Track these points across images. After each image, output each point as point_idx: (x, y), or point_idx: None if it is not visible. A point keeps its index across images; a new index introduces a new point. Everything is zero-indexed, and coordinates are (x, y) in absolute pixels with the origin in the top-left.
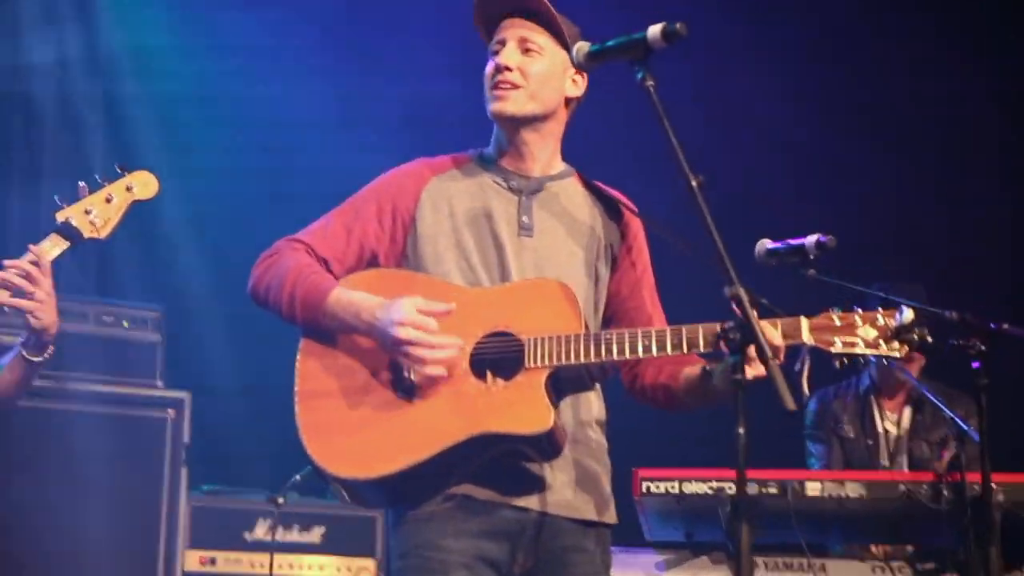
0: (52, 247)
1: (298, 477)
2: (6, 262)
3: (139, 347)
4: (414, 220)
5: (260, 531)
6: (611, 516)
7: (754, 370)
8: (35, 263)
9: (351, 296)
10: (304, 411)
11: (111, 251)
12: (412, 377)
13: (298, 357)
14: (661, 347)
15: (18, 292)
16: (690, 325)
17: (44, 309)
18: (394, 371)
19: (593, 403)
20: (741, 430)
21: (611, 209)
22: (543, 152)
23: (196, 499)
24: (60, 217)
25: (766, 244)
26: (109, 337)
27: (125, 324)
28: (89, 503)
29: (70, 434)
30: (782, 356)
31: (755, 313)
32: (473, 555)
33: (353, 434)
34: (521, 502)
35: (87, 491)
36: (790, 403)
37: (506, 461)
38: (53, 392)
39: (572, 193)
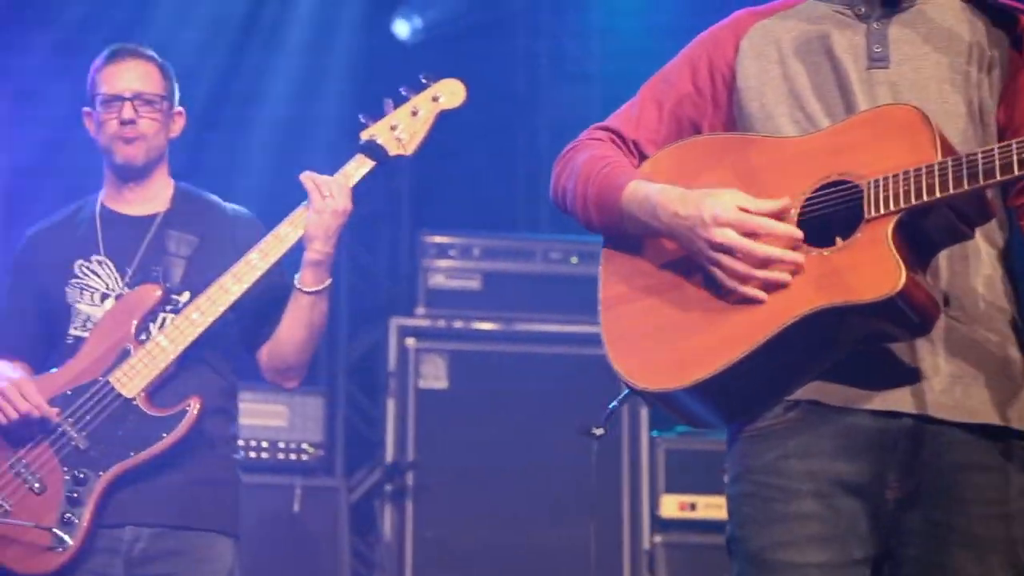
0: (357, 168)
1: (615, 404)
2: (305, 174)
3: (588, 282)
4: (734, 74)
5: None
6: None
7: None
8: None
9: (647, 190)
10: (608, 322)
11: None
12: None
13: (600, 264)
14: None
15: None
16: None
17: (320, 221)
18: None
19: (984, 260)
20: None
21: (1003, 20)
22: None
23: (669, 441)
24: (364, 136)
25: None
26: (556, 274)
27: (573, 260)
28: (548, 444)
29: (525, 376)
30: None
31: None
32: (826, 479)
33: (662, 341)
34: (888, 404)
35: (545, 433)
36: None
37: (862, 350)
38: (504, 335)
39: (944, 5)
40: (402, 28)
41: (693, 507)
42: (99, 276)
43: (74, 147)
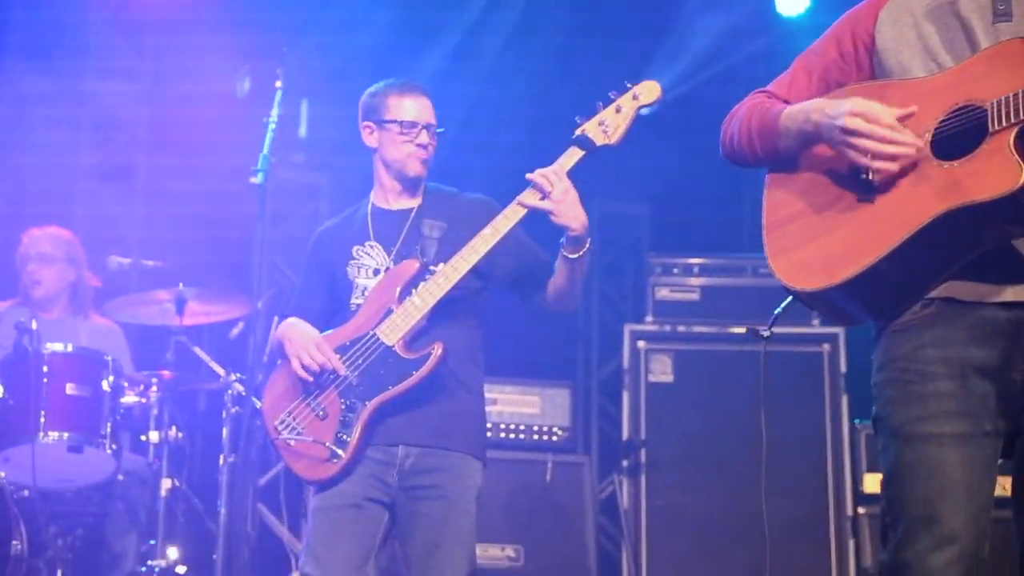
0: (569, 157)
1: (779, 310)
2: (535, 172)
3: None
4: (874, 40)
5: None
6: None
7: None
8: (551, 171)
9: (800, 104)
10: (771, 241)
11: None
12: (870, 176)
13: (764, 193)
14: None
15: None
16: None
17: (562, 207)
18: (854, 176)
19: None
20: None
21: None
22: None
23: (868, 427)
24: (577, 132)
25: None
26: (764, 287)
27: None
28: (759, 428)
29: (737, 371)
30: None
31: None
32: (959, 363)
33: (816, 246)
34: (1014, 296)
35: (756, 418)
36: None
37: (990, 250)
38: (719, 337)
39: None
40: None
41: None
42: (372, 256)
43: None
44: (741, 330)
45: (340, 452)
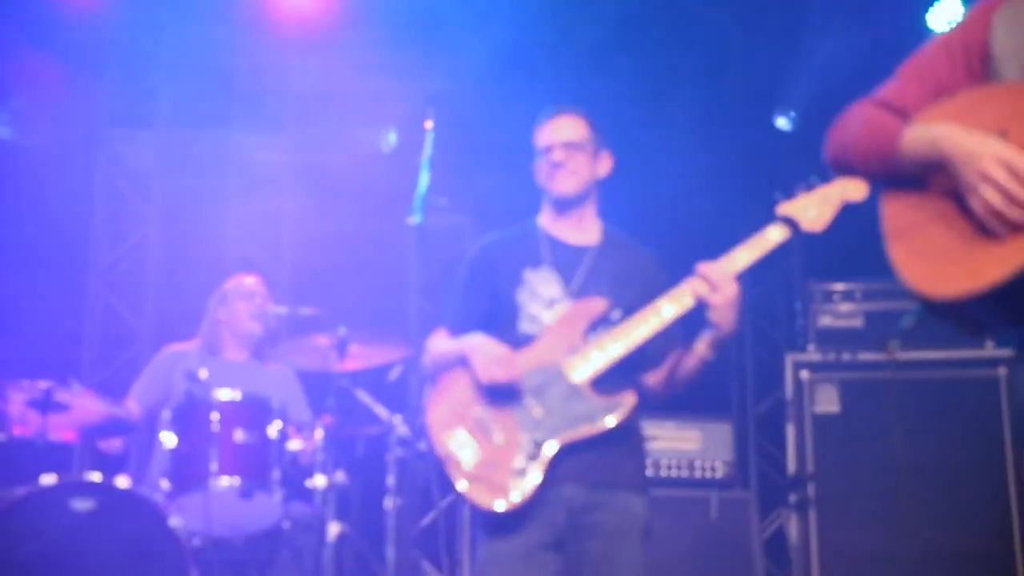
0: (777, 233)
1: (908, 322)
2: (702, 267)
3: None
4: (987, 44)
5: None
6: None
7: None
8: (726, 271)
9: (927, 129)
10: (897, 249)
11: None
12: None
13: (882, 202)
14: None
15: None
16: None
17: (724, 310)
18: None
19: None
20: None
21: None
22: None
23: None
24: (781, 211)
25: None
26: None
27: None
28: (932, 456)
29: (906, 398)
30: None
31: None
32: None
33: (952, 251)
34: None
35: (929, 445)
36: None
37: None
38: (887, 364)
39: None
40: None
41: None
42: (547, 284)
43: None
44: (906, 356)
45: (521, 485)
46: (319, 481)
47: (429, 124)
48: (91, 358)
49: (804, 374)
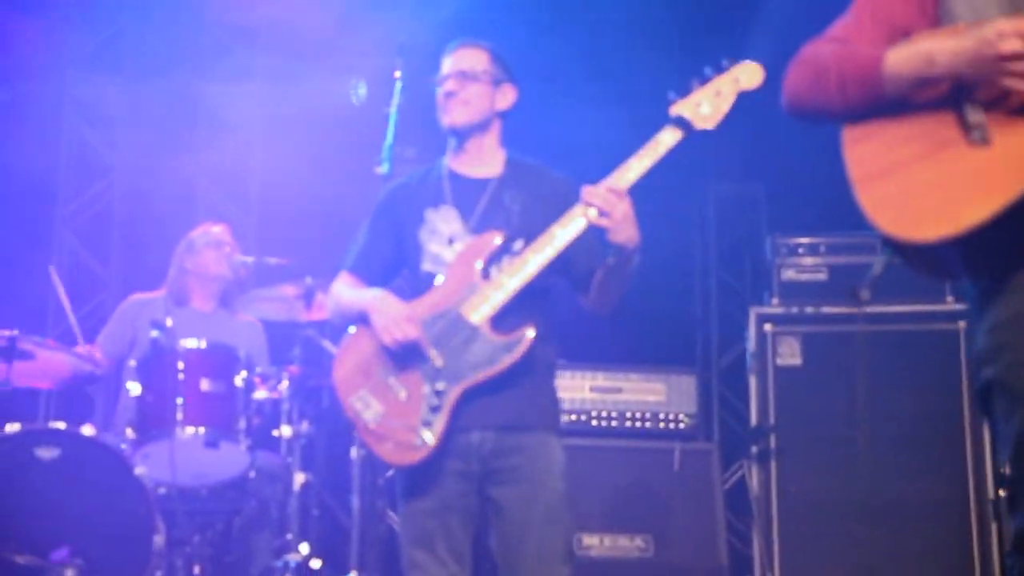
0: (670, 137)
1: (877, 268)
2: (595, 190)
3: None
4: None
5: None
6: None
7: None
8: (613, 190)
9: (914, 47)
10: (867, 195)
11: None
12: (976, 118)
13: (844, 148)
14: None
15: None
16: None
17: (620, 227)
18: (960, 121)
19: None
20: None
21: None
22: None
23: None
24: (673, 111)
25: None
26: (893, 263)
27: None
28: (891, 409)
29: (876, 353)
30: None
31: None
32: None
33: (925, 194)
34: None
35: (888, 399)
36: None
37: None
38: (848, 317)
39: None
40: None
41: None
42: (446, 222)
43: None
44: (869, 309)
45: (428, 437)
46: (285, 431)
47: (397, 74)
48: (57, 306)
49: (767, 327)
